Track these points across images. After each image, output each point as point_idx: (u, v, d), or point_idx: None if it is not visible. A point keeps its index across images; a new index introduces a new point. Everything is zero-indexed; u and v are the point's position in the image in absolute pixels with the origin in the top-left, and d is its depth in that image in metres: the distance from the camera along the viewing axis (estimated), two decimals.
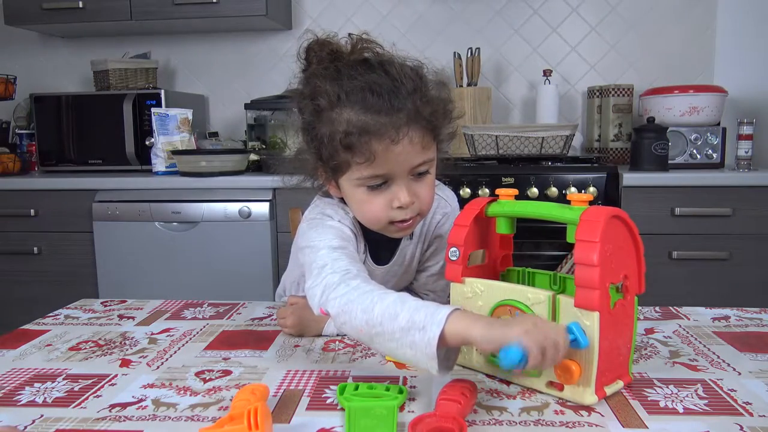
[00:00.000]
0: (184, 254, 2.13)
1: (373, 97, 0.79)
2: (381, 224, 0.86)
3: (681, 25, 2.48)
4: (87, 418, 0.68)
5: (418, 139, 0.81)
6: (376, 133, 0.78)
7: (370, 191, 0.83)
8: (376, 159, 0.79)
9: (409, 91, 0.81)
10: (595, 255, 0.66)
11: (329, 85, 0.81)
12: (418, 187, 0.85)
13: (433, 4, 2.59)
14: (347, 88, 0.80)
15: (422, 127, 0.81)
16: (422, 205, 0.86)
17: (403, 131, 0.79)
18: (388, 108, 0.79)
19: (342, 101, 0.80)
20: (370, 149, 0.79)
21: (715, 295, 1.95)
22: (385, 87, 0.80)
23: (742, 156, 2.07)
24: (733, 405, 0.68)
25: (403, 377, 0.78)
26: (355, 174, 0.82)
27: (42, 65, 2.80)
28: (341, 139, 0.79)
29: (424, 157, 0.83)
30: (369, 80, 0.80)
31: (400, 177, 0.82)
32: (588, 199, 0.72)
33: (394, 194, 0.83)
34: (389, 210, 0.84)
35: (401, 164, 0.81)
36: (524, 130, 2.12)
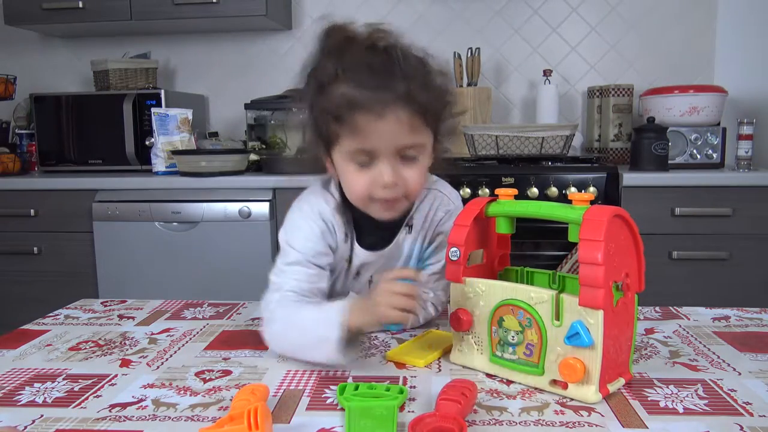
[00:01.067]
0: (184, 254, 2.13)
1: (368, 75, 0.82)
2: (364, 201, 0.88)
3: (681, 25, 2.48)
4: (87, 418, 0.68)
5: (406, 120, 0.82)
6: (362, 107, 0.81)
7: (359, 168, 0.86)
8: (361, 133, 0.82)
9: (407, 74, 0.83)
10: (600, 254, 0.66)
11: (331, 63, 0.84)
12: (405, 171, 0.86)
13: (433, 4, 2.59)
14: (346, 66, 0.84)
15: (413, 110, 0.83)
16: (408, 189, 0.87)
17: (390, 109, 0.81)
18: (379, 86, 0.81)
19: (339, 77, 0.83)
20: (355, 122, 0.82)
21: (715, 295, 1.95)
22: (382, 67, 0.82)
23: (742, 156, 2.07)
24: (733, 405, 0.68)
25: (403, 377, 0.78)
26: (344, 147, 0.85)
27: (42, 65, 2.80)
28: (332, 111, 0.83)
29: (413, 140, 0.84)
30: (368, 60, 0.83)
31: (386, 156, 0.84)
32: (589, 199, 0.73)
33: (378, 173, 0.85)
34: (373, 187, 0.86)
35: (386, 142, 0.83)
36: (524, 130, 2.12)
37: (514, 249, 0.89)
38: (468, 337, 0.80)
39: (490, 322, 0.77)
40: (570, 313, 0.70)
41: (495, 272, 0.87)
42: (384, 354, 0.86)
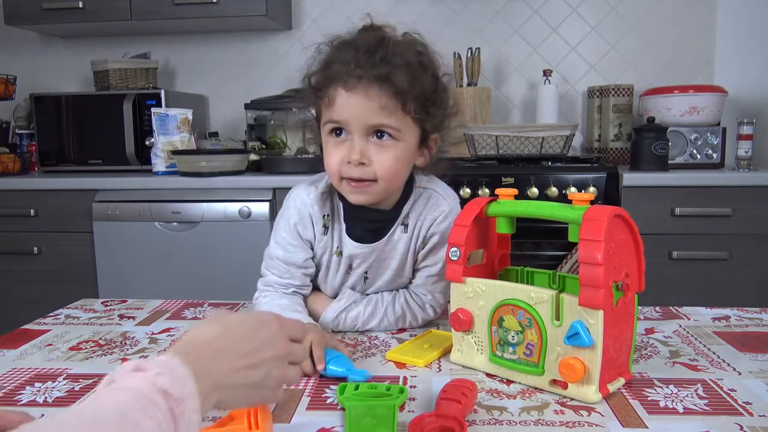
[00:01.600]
0: (184, 254, 2.13)
1: (351, 52, 0.86)
2: (336, 178, 0.90)
3: (681, 25, 2.48)
4: None
5: (376, 99, 0.84)
6: (337, 79, 0.86)
7: (335, 143, 0.89)
8: (333, 104, 0.86)
9: (393, 59, 0.85)
10: (600, 254, 0.66)
11: (333, 46, 0.90)
12: (374, 152, 0.87)
13: (433, 4, 2.59)
14: (341, 45, 0.89)
15: (388, 92, 0.84)
16: (378, 171, 0.88)
17: (362, 84, 0.84)
18: (358, 62, 0.85)
19: (332, 54, 0.89)
20: (327, 92, 0.87)
21: (715, 295, 1.95)
22: (368, 47, 0.86)
23: (742, 156, 2.07)
24: (733, 405, 0.68)
25: (403, 377, 0.78)
26: (323, 117, 0.89)
27: (42, 65, 2.80)
28: (316, 83, 0.89)
29: (383, 121, 0.86)
30: (360, 40, 0.88)
31: (356, 132, 0.87)
32: (589, 199, 0.73)
33: (348, 148, 0.87)
34: (343, 163, 0.88)
35: (355, 117, 0.86)
36: (524, 130, 2.12)
37: (514, 249, 0.89)
38: (468, 337, 0.80)
39: (490, 322, 0.77)
40: (570, 313, 0.70)
41: (495, 272, 0.87)
42: (384, 354, 0.86)
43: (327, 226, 0.98)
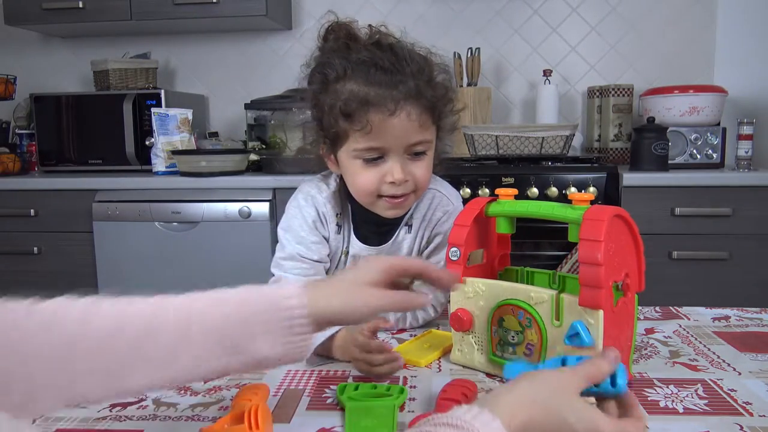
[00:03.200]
0: (184, 254, 2.13)
1: (377, 72, 0.83)
2: (371, 197, 0.89)
3: (681, 25, 2.48)
4: (87, 417, 0.68)
5: (416, 117, 0.84)
6: (374, 104, 0.82)
7: (365, 164, 0.86)
8: (373, 130, 0.83)
9: (413, 71, 0.84)
10: (600, 254, 0.66)
11: (338, 59, 0.85)
12: (414, 167, 0.87)
13: (433, 4, 2.59)
14: (354, 62, 0.85)
15: (422, 106, 0.84)
16: (417, 184, 0.88)
17: (401, 105, 0.82)
18: (390, 82, 0.82)
19: (348, 74, 0.84)
20: (368, 119, 0.82)
21: (715, 295, 1.95)
22: (389, 63, 0.84)
23: (742, 156, 2.07)
24: (733, 405, 0.68)
25: (403, 377, 0.78)
26: (352, 145, 0.86)
27: (42, 65, 2.80)
28: (341, 108, 0.83)
29: (422, 137, 0.86)
30: (375, 56, 0.84)
31: (396, 153, 0.85)
32: (589, 199, 0.73)
33: (388, 169, 0.86)
34: (381, 184, 0.87)
35: (397, 139, 0.84)
36: (524, 130, 2.12)
37: (514, 249, 0.89)
38: (468, 337, 0.80)
39: (490, 322, 0.77)
40: (570, 313, 0.70)
41: (495, 272, 0.87)
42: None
43: (340, 224, 0.98)
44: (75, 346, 0.53)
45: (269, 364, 0.59)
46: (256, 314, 0.57)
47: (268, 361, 0.58)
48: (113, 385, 0.54)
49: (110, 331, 0.54)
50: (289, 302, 0.58)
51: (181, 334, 0.55)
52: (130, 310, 0.56)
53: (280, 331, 0.57)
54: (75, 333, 0.53)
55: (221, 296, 0.59)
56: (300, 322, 0.57)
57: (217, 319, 0.56)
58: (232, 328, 0.56)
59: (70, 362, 0.52)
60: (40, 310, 0.54)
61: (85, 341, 0.53)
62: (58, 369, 0.52)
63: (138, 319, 0.55)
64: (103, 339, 0.54)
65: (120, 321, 0.55)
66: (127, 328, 0.55)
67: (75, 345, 0.53)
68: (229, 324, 0.56)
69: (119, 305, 0.56)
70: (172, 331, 0.55)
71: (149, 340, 0.54)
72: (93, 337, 0.53)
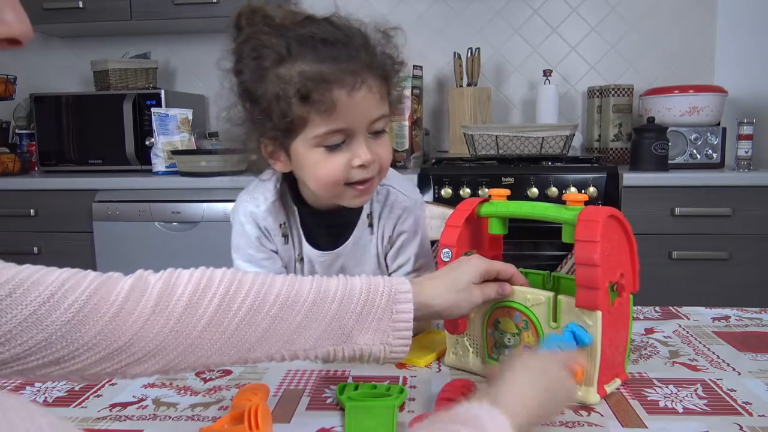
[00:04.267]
0: (184, 254, 2.13)
1: (326, 47, 0.75)
2: (338, 188, 0.81)
3: (681, 25, 2.48)
4: (87, 417, 0.68)
5: (376, 89, 0.78)
6: (336, 81, 0.74)
7: (328, 151, 0.79)
8: (337, 109, 0.75)
9: (360, 42, 0.78)
10: (596, 255, 0.66)
11: (275, 39, 0.75)
12: (377, 146, 0.81)
13: (433, 4, 2.59)
14: (295, 40, 0.75)
15: (379, 77, 0.78)
16: (382, 165, 0.82)
17: (362, 77, 0.76)
18: (342, 55, 0.75)
19: (292, 55, 0.75)
20: (331, 98, 0.74)
21: (715, 295, 1.95)
22: (336, 36, 0.76)
23: (742, 156, 2.07)
24: (732, 405, 0.68)
25: (403, 377, 0.78)
26: (311, 132, 0.77)
27: (42, 65, 2.80)
28: (297, 92, 0.74)
29: (382, 111, 0.80)
30: (318, 31, 0.76)
31: (360, 132, 0.78)
32: (583, 199, 0.72)
33: (353, 152, 0.79)
34: (348, 170, 0.79)
35: (361, 116, 0.77)
36: (524, 130, 2.12)
37: (512, 249, 0.89)
38: (463, 340, 0.80)
39: (485, 325, 0.77)
40: (567, 314, 0.70)
41: None
42: None
43: (286, 234, 0.92)
44: (213, 321, 0.58)
45: (372, 359, 0.65)
46: (368, 306, 0.64)
47: (371, 357, 0.65)
48: (242, 355, 0.60)
49: (251, 305, 0.60)
50: (404, 296, 0.65)
51: (309, 314, 0.62)
52: (274, 283, 0.62)
53: (388, 328, 0.64)
54: (216, 311, 0.59)
55: (345, 286, 0.64)
56: (405, 317, 0.64)
57: (334, 309, 0.62)
58: (347, 318, 0.63)
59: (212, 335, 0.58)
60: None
61: (226, 319, 0.59)
62: (208, 337, 0.58)
63: (278, 296, 0.61)
64: (245, 315, 0.59)
65: (262, 296, 0.60)
66: (268, 304, 0.60)
67: (213, 321, 0.59)
68: (344, 314, 0.63)
69: (261, 278, 0.62)
70: (304, 311, 0.61)
71: (285, 314, 0.61)
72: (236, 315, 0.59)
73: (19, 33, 0.38)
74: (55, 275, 0.54)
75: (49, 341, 0.51)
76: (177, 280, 0.59)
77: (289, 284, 0.62)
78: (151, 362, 0.56)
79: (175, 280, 0.59)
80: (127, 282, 0.57)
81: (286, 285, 0.62)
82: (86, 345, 0.53)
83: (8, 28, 0.37)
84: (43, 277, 0.53)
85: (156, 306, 0.56)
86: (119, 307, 0.55)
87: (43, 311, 0.51)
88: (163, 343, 0.56)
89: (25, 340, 0.50)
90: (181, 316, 0.57)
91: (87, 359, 0.53)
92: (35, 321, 0.50)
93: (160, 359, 0.56)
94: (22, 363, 0.51)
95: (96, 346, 0.53)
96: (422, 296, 0.67)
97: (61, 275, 0.54)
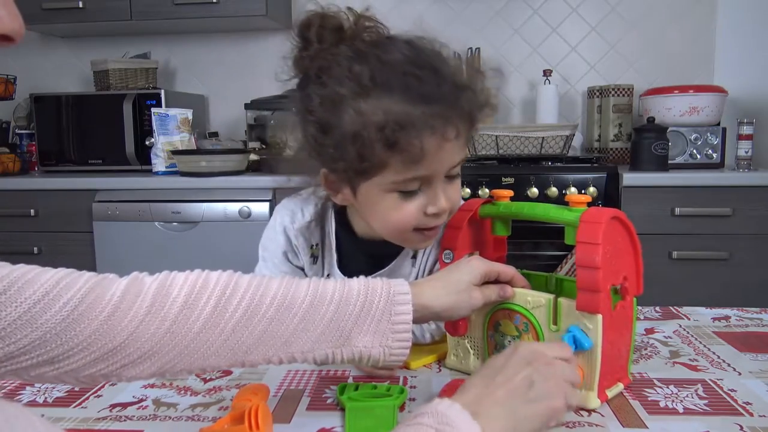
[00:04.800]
0: (184, 254, 2.13)
1: (416, 82, 0.66)
2: (406, 233, 0.76)
3: (681, 25, 2.48)
4: (87, 417, 0.68)
5: (463, 134, 0.70)
6: (427, 128, 0.66)
7: (402, 197, 0.72)
8: (420, 157, 0.67)
9: (451, 79, 0.69)
10: (598, 257, 0.65)
11: (356, 66, 0.66)
12: (452, 191, 0.75)
13: (433, 4, 2.59)
14: (380, 70, 0.66)
15: (467, 119, 0.71)
16: (452, 209, 0.77)
17: (453, 123, 0.68)
18: (436, 95, 0.66)
19: (376, 87, 0.66)
20: (421, 146, 0.66)
21: (715, 295, 1.95)
22: (426, 70, 0.67)
23: (742, 156, 2.07)
24: (733, 405, 0.68)
25: (403, 377, 0.78)
26: (389, 177, 0.69)
27: (42, 65, 2.80)
28: (382, 136, 0.65)
29: (463, 155, 0.74)
30: (405, 60, 0.67)
31: (438, 179, 0.72)
32: (586, 200, 0.71)
33: (429, 199, 0.72)
34: (421, 216, 0.73)
35: (444, 163, 0.71)
36: (524, 130, 2.12)
37: (513, 249, 0.88)
38: (464, 342, 0.79)
39: (486, 327, 0.77)
40: (568, 317, 0.69)
41: None
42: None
43: (316, 255, 0.88)
44: (208, 324, 0.58)
45: (371, 362, 0.64)
46: (366, 308, 0.63)
47: (370, 359, 0.63)
48: (239, 358, 0.59)
49: (248, 307, 0.59)
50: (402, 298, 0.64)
51: (306, 316, 0.61)
52: (270, 286, 0.62)
53: (387, 330, 0.63)
54: (211, 313, 0.58)
55: (343, 288, 0.63)
56: (404, 318, 0.63)
57: (332, 311, 0.62)
58: (345, 320, 0.62)
59: (207, 341, 0.58)
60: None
61: (222, 321, 0.58)
62: (201, 342, 0.57)
63: (274, 298, 0.61)
64: (241, 317, 0.59)
65: (258, 298, 0.60)
66: (264, 306, 0.60)
67: (209, 324, 0.58)
68: (342, 316, 0.62)
69: (257, 281, 0.62)
70: (301, 313, 0.61)
71: (282, 316, 0.60)
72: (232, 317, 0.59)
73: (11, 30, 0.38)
74: (50, 274, 0.54)
75: (44, 340, 0.51)
76: (172, 282, 0.59)
77: (285, 286, 0.62)
78: (146, 364, 0.56)
79: (170, 281, 0.59)
80: (122, 282, 0.57)
81: (283, 287, 0.61)
82: (81, 344, 0.52)
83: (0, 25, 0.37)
84: (38, 275, 0.53)
85: (151, 307, 0.56)
86: (114, 306, 0.54)
87: (37, 309, 0.51)
88: (159, 345, 0.55)
89: (19, 338, 0.50)
90: (177, 318, 0.56)
91: (82, 359, 0.53)
92: (29, 319, 0.50)
93: (155, 361, 0.56)
94: (16, 362, 0.51)
95: (91, 345, 0.53)
96: (422, 297, 0.66)
97: (56, 274, 0.54)
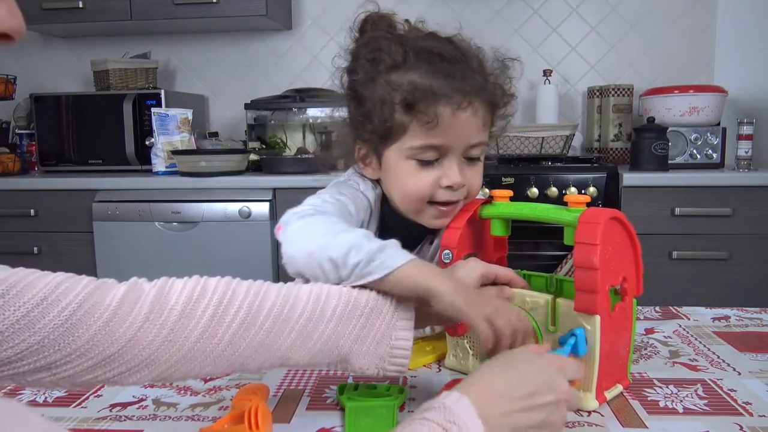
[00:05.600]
0: (184, 254, 2.13)
1: (441, 62, 0.76)
2: (421, 203, 0.81)
3: (681, 25, 2.48)
4: (87, 417, 0.68)
5: (481, 114, 0.78)
6: (443, 96, 0.75)
7: (420, 166, 0.79)
8: (439, 124, 0.75)
9: (476, 65, 0.79)
10: (596, 258, 0.65)
11: (394, 47, 0.78)
12: (470, 171, 0.80)
13: (433, 4, 2.59)
14: (413, 50, 0.77)
15: (487, 102, 0.79)
16: (470, 191, 0.81)
17: (470, 98, 0.76)
18: (456, 73, 0.76)
19: (407, 63, 0.77)
20: (436, 111, 0.75)
21: (715, 295, 1.95)
22: (453, 54, 0.78)
23: (742, 156, 2.07)
24: (733, 405, 0.68)
25: (403, 377, 0.78)
26: (408, 142, 0.78)
27: (42, 65, 2.80)
28: (403, 99, 0.76)
29: (481, 138, 0.80)
30: (436, 46, 0.78)
31: (455, 153, 0.78)
32: (586, 201, 0.71)
33: (444, 172, 0.78)
34: (435, 188, 0.79)
35: (460, 137, 0.77)
36: (524, 130, 2.12)
37: (513, 249, 0.88)
38: (463, 342, 0.79)
39: None
40: (566, 318, 0.69)
41: None
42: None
43: (375, 233, 0.90)
44: (208, 330, 0.57)
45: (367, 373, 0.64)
46: (367, 329, 0.63)
47: (364, 374, 0.64)
48: (235, 368, 0.59)
49: (245, 317, 0.58)
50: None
51: (304, 331, 0.60)
52: (269, 294, 0.60)
53: (386, 354, 0.63)
54: (209, 321, 0.58)
55: (347, 302, 0.63)
56: (404, 344, 0.63)
57: (331, 329, 0.61)
58: (344, 339, 0.62)
59: (208, 346, 0.57)
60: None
61: (220, 330, 0.57)
62: (202, 348, 0.57)
63: (272, 309, 0.60)
64: (238, 326, 0.58)
65: (256, 307, 0.59)
66: (261, 316, 0.59)
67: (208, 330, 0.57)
68: (341, 335, 0.62)
69: (254, 288, 0.61)
70: (298, 328, 0.60)
71: (280, 329, 0.59)
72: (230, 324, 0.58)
73: (10, 27, 0.37)
74: (48, 279, 0.53)
75: (41, 345, 0.50)
76: (171, 289, 0.58)
77: (284, 296, 0.61)
78: (144, 372, 0.55)
79: (169, 288, 0.58)
80: (121, 288, 0.56)
81: (281, 297, 0.60)
82: (79, 350, 0.52)
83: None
84: (36, 280, 0.52)
85: (150, 313, 0.55)
86: (113, 312, 0.53)
87: (35, 314, 0.50)
88: (157, 353, 0.55)
89: (16, 342, 0.49)
90: (175, 326, 0.56)
91: (79, 365, 0.52)
92: (27, 324, 0.49)
93: (153, 369, 0.55)
94: (13, 367, 0.50)
95: (89, 351, 0.52)
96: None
97: (55, 279, 0.54)
